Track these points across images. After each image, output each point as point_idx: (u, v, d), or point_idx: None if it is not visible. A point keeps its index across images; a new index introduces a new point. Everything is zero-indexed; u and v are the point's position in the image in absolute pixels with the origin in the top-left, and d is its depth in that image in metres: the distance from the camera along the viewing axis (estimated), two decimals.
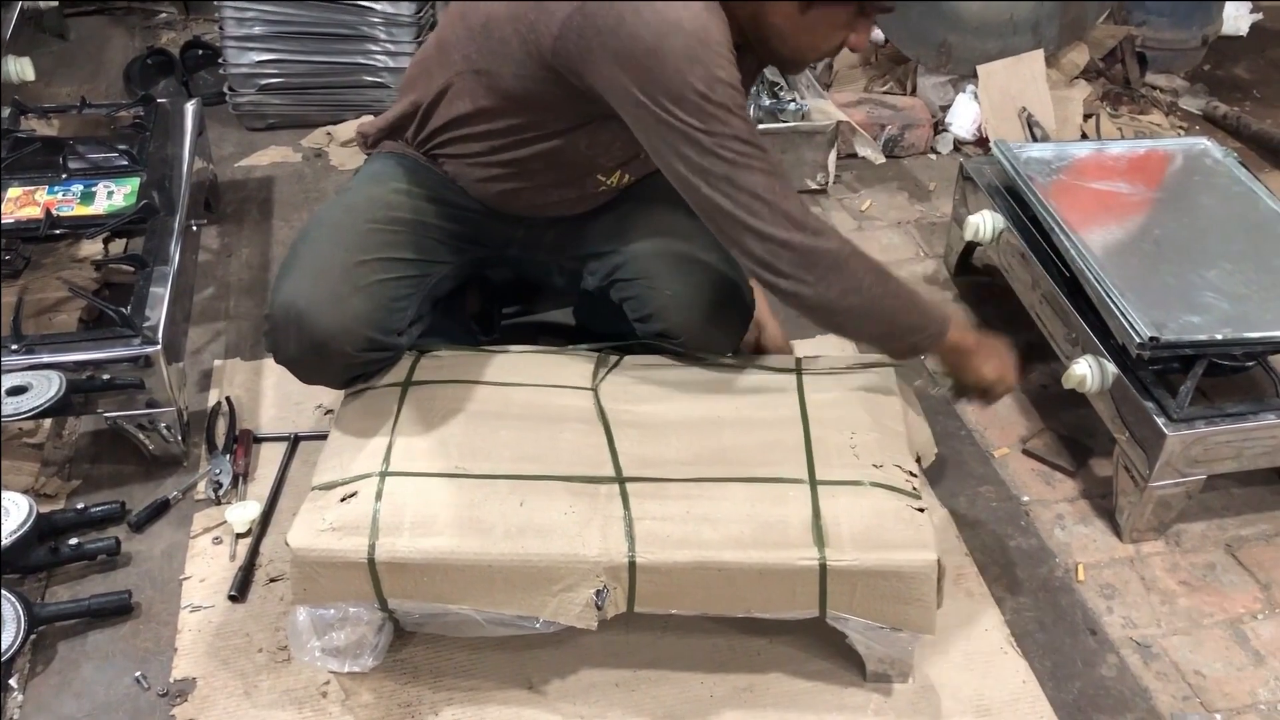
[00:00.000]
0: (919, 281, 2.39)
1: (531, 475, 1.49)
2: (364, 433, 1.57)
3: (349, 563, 1.42)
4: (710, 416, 1.61)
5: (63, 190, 2.11)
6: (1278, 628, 1.66)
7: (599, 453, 1.54)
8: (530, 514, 1.44)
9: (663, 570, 1.41)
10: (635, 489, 1.48)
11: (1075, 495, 1.88)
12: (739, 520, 1.44)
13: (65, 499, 1.84)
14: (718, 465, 1.52)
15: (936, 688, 1.54)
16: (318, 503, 1.48)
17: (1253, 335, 1.73)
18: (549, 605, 1.43)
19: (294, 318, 1.56)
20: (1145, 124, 2.96)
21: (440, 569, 1.42)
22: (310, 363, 1.62)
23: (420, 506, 1.45)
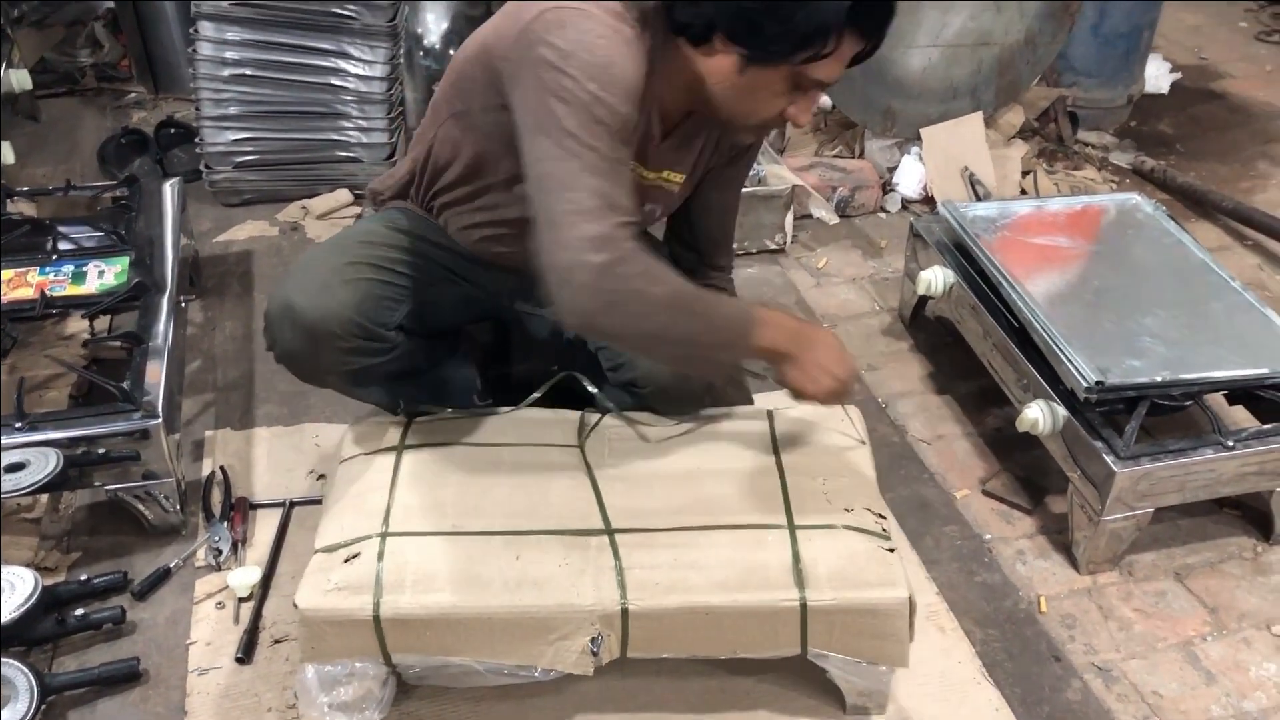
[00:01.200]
0: (876, 334, 2.52)
1: (525, 530, 1.57)
2: (362, 495, 1.65)
3: (355, 620, 1.48)
4: (690, 469, 1.70)
5: (54, 271, 2.17)
6: (1225, 648, 1.78)
7: (587, 506, 1.62)
8: (526, 567, 1.52)
9: (653, 616, 1.49)
10: (624, 539, 1.56)
11: (1034, 532, 2.00)
12: (723, 565, 1.52)
13: (66, 571, 1.88)
14: (700, 514, 1.60)
15: (915, 718, 1.64)
16: (322, 564, 1.54)
17: (1189, 376, 1.86)
18: (547, 654, 1.50)
19: (286, 309, 1.62)
20: (1079, 179, 3.14)
21: (442, 623, 1.48)
22: (303, 352, 1.65)
23: (421, 564, 1.52)
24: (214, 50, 2.77)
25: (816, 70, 1.41)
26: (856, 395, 2.28)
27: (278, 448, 2.14)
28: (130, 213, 2.37)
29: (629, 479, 1.68)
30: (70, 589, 1.82)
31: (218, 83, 2.79)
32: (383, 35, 2.81)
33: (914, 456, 2.15)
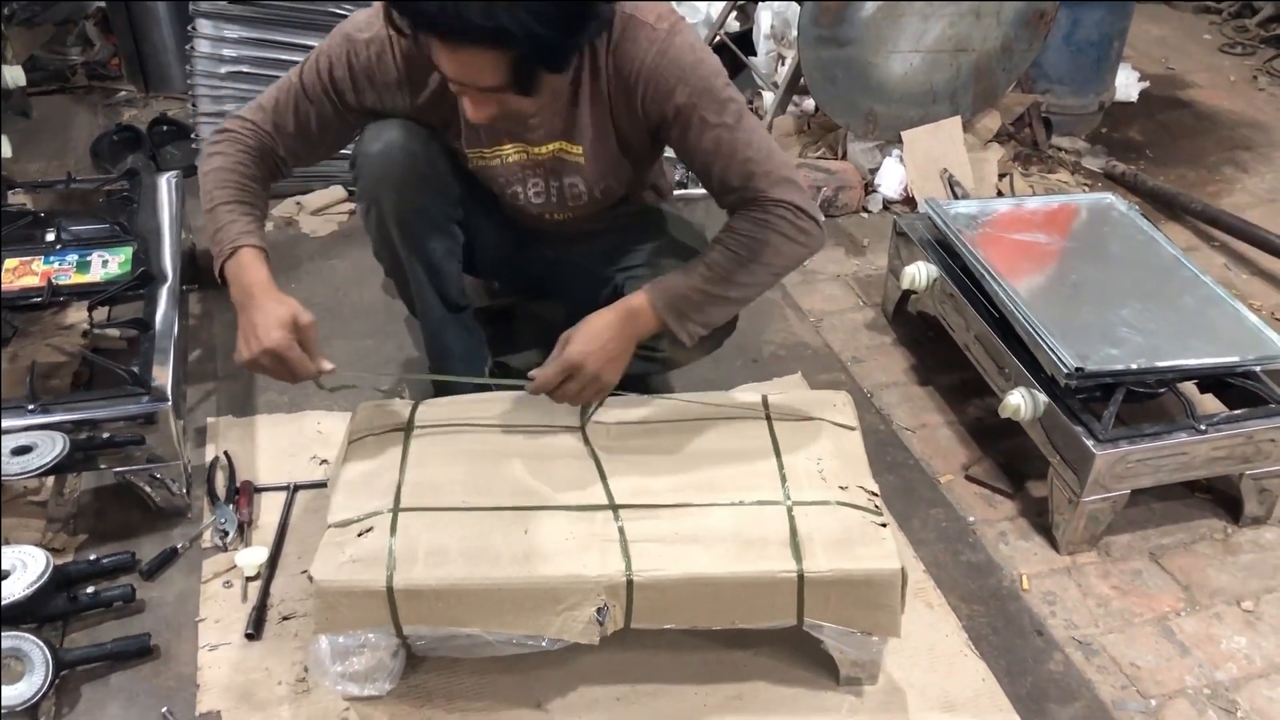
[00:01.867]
0: (860, 328, 2.60)
1: (532, 506, 1.64)
2: (373, 474, 1.71)
3: (369, 591, 1.53)
4: (690, 449, 1.77)
5: (59, 260, 2.21)
6: (1199, 623, 1.86)
7: (592, 484, 1.69)
8: (534, 541, 1.58)
9: (657, 587, 1.55)
10: (628, 515, 1.63)
11: (1015, 514, 2.08)
12: (723, 539, 1.59)
13: (74, 553, 1.92)
14: (701, 491, 1.67)
15: (905, 688, 1.70)
16: (336, 538, 1.59)
17: (1164, 364, 1.95)
18: (554, 624, 1.56)
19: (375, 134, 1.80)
20: (1053, 182, 3.24)
21: (453, 595, 1.54)
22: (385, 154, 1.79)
23: (432, 539, 1.58)
24: (211, 48, 2.82)
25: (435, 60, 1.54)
26: (843, 384, 2.36)
27: (279, 434, 2.18)
28: (132, 204, 2.41)
29: (631, 458, 1.74)
30: (80, 568, 1.86)
31: (215, 80, 2.83)
32: None
33: (899, 444, 2.22)
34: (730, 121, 1.69)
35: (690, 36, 1.70)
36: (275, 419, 2.22)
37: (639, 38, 1.67)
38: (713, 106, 1.68)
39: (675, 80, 1.67)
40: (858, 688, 1.70)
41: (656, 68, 1.67)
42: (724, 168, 1.71)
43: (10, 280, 2.15)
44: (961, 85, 3.12)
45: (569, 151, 1.82)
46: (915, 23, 2.94)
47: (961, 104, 3.14)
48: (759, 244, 1.70)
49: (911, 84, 3.05)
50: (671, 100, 1.68)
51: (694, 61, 1.68)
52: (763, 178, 1.69)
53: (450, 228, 1.91)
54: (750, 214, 1.71)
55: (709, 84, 1.68)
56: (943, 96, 3.11)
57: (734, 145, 1.69)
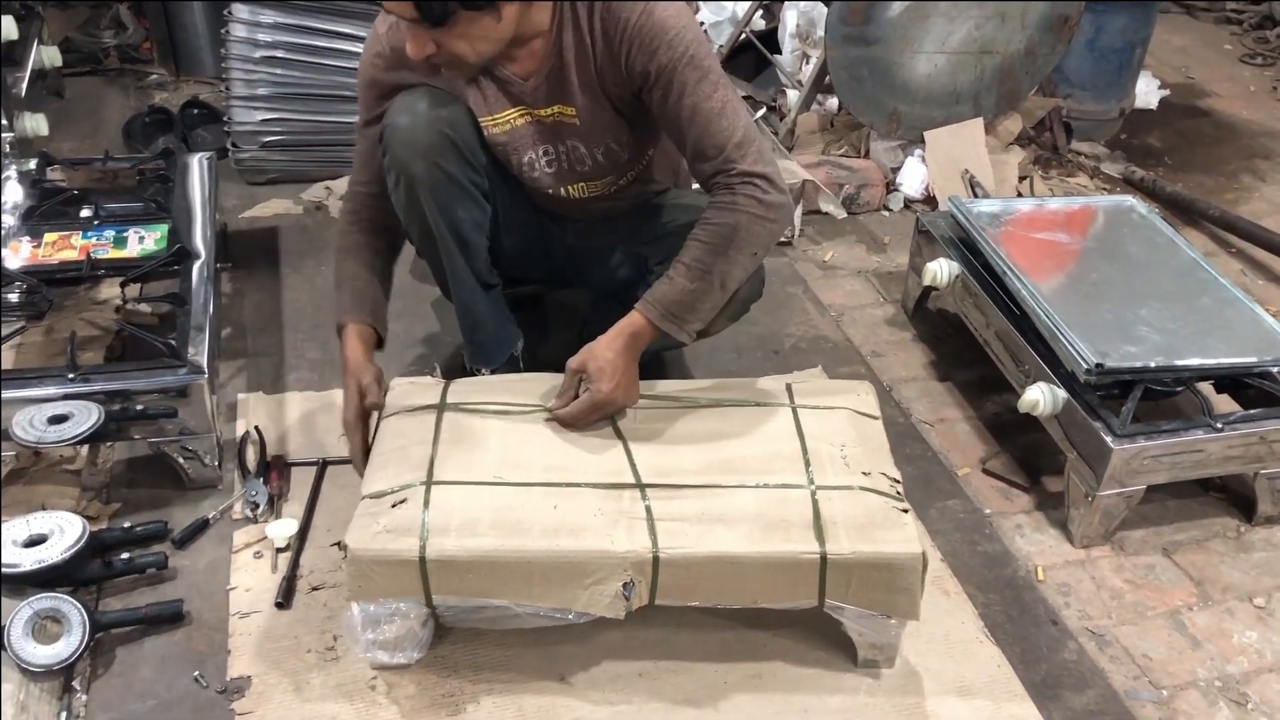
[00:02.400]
0: (880, 323, 2.63)
1: (562, 483, 1.68)
2: (406, 449, 1.74)
3: (402, 561, 1.57)
4: (715, 431, 1.80)
5: (96, 235, 2.25)
6: (1211, 617, 1.89)
7: (619, 463, 1.73)
8: (563, 516, 1.62)
9: (682, 564, 1.58)
10: (654, 493, 1.66)
11: (1031, 508, 2.11)
12: (748, 519, 1.62)
13: (107, 521, 1.96)
14: (726, 473, 1.70)
15: (922, 672, 1.73)
16: (370, 509, 1.64)
17: (1182, 363, 1.98)
18: (581, 597, 1.60)
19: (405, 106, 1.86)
20: (1072, 185, 3.27)
21: (484, 566, 1.58)
22: (413, 126, 1.84)
23: (465, 511, 1.62)
24: (247, 32, 2.86)
25: None
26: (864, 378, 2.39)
27: (309, 411, 2.22)
28: (168, 183, 2.46)
29: (657, 439, 1.78)
30: (114, 535, 1.90)
31: (249, 64, 2.87)
32: None
33: (918, 436, 2.26)
34: (709, 90, 1.74)
35: (676, 2, 1.75)
36: (306, 396, 2.27)
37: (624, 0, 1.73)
38: (694, 73, 1.73)
39: (660, 41, 1.72)
40: (875, 670, 1.73)
41: (642, 27, 1.72)
42: (699, 135, 1.75)
43: (50, 253, 2.19)
44: (985, 87, 3.15)
45: (565, 114, 1.87)
46: (941, 24, 2.98)
47: (984, 106, 3.18)
48: (730, 230, 1.75)
49: (936, 85, 3.08)
50: (655, 59, 1.73)
51: (680, 26, 1.73)
52: (735, 148, 1.74)
53: (478, 198, 1.94)
54: (718, 199, 1.77)
55: (692, 50, 1.73)
56: (966, 98, 3.14)
57: (710, 114, 1.74)
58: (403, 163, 1.86)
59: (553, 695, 1.68)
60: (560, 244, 2.14)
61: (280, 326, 2.47)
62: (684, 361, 2.38)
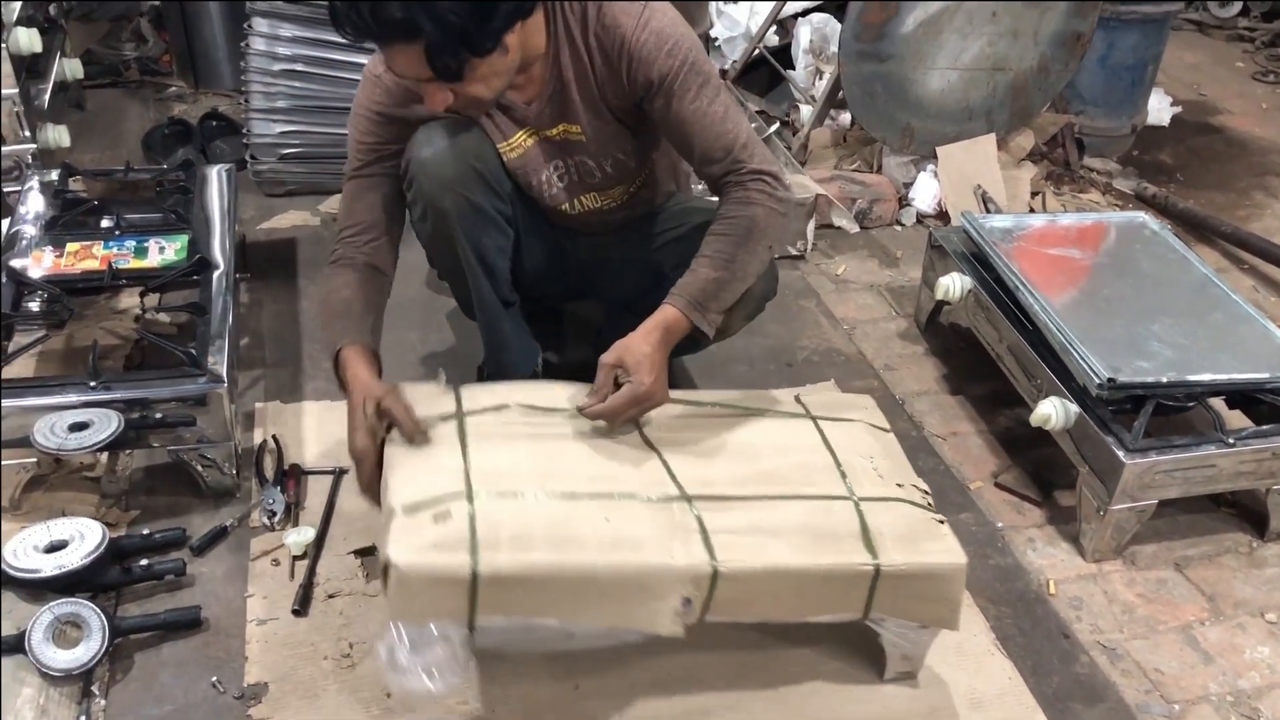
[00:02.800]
0: (893, 337, 2.64)
1: (609, 494, 1.59)
2: (433, 457, 1.64)
3: (452, 579, 1.45)
4: (745, 442, 1.76)
5: (117, 245, 2.28)
6: (1222, 633, 1.90)
7: (659, 474, 1.66)
8: (618, 528, 1.53)
9: (741, 578, 1.53)
10: (702, 506, 1.60)
11: (1043, 522, 2.11)
12: (799, 531, 1.58)
13: (126, 528, 1.98)
14: (767, 484, 1.66)
15: (934, 684, 1.74)
16: (409, 523, 1.51)
17: (1194, 378, 1.99)
18: (639, 615, 1.52)
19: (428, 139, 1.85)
20: (1084, 201, 3.29)
21: (539, 582, 1.48)
22: (440, 159, 1.84)
23: (514, 524, 1.52)
24: (266, 45, 2.89)
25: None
26: (876, 391, 2.41)
27: (326, 420, 2.24)
28: (188, 194, 2.48)
29: (690, 450, 1.72)
30: (133, 542, 1.91)
31: (268, 77, 2.91)
32: None
33: (930, 450, 2.27)
34: (711, 95, 1.77)
35: (670, 10, 1.78)
36: (322, 405, 2.29)
37: (618, 14, 1.75)
38: (695, 79, 1.76)
39: (659, 51, 1.74)
40: (886, 682, 1.73)
41: (639, 40, 1.74)
42: (706, 139, 1.78)
43: (72, 263, 2.22)
44: (998, 103, 3.17)
45: (571, 131, 1.89)
46: (954, 40, 3.00)
47: (997, 122, 3.19)
48: (749, 221, 1.78)
49: (948, 101, 3.10)
50: (656, 69, 1.75)
51: (678, 35, 1.75)
52: (742, 149, 1.78)
53: (503, 224, 1.96)
54: (732, 195, 1.80)
55: (692, 57, 1.75)
56: (979, 114, 3.16)
57: (714, 118, 1.77)
58: (431, 196, 1.87)
59: (568, 703, 1.68)
60: (574, 259, 2.16)
61: (298, 337, 2.49)
62: (696, 374, 2.39)
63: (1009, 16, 3.03)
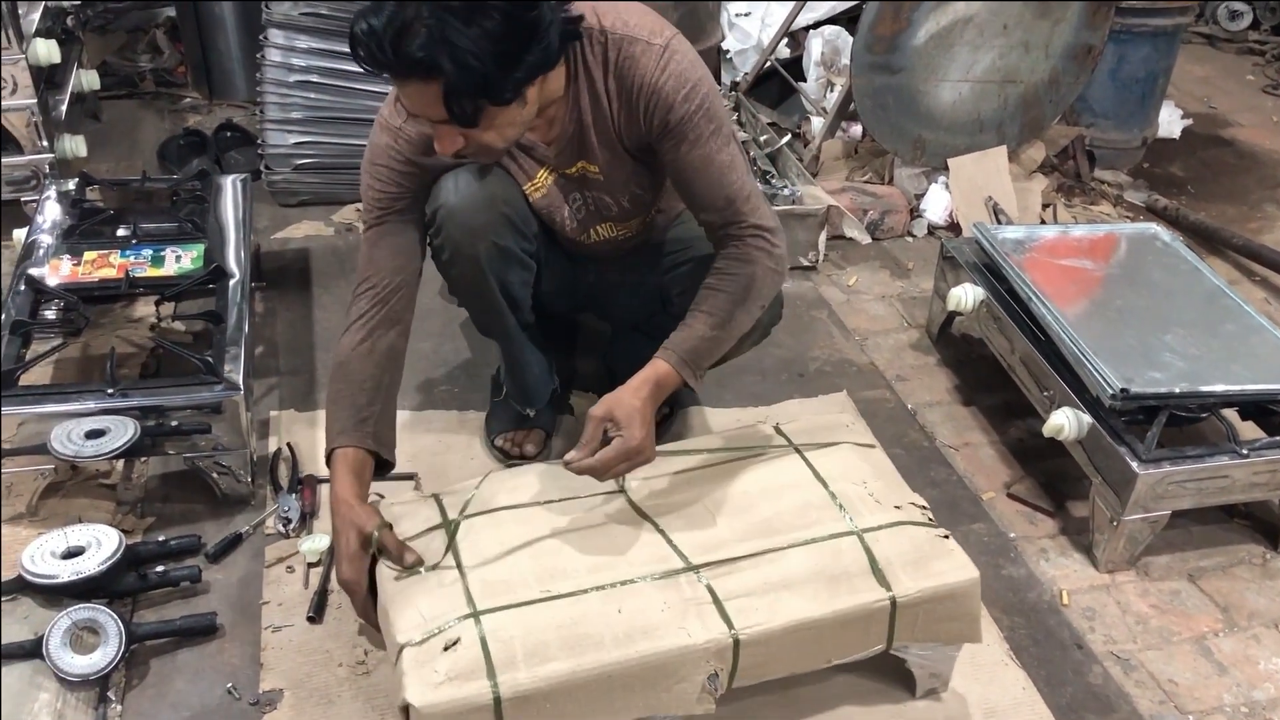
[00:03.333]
0: (905, 348, 2.65)
1: (615, 582, 1.56)
2: (427, 579, 1.58)
3: (475, 708, 1.42)
4: (738, 493, 1.72)
5: (134, 254, 2.29)
6: (1237, 644, 1.89)
7: (659, 548, 1.63)
8: (631, 618, 1.50)
9: (762, 641, 1.52)
10: (709, 572, 1.57)
11: (1055, 532, 2.11)
12: (810, 579, 1.57)
13: (142, 534, 1.99)
14: (769, 535, 1.63)
15: (949, 696, 1.74)
16: (418, 658, 1.46)
17: (1207, 389, 1.99)
18: (666, 700, 1.50)
19: (456, 186, 1.84)
20: (1095, 213, 3.29)
21: (563, 691, 1.45)
22: (470, 205, 1.83)
23: (526, 636, 1.47)
24: (282, 57, 2.92)
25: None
26: (888, 402, 2.42)
27: None
28: (204, 204, 2.50)
29: (685, 514, 1.69)
30: (149, 548, 1.92)
31: (284, 88, 2.93)
32: None
33: (942, 460, 2.27)
34: (721, 143, 1.75)
35: (689, 52, 1.75)
36: None
37: (638, 56, 1.71)
38: (709, 125, 1.74)
39: (677, 95, 1.71)
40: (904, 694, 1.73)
41: (658, 84, 1.71)
42: (709, 186, 1.76)
43: (89, 271, 2.24)
44: (1009, 116, 3.18)
45: (589, 170, 1.87)
46: (965, 53, 3.01)
47: (1008, 134, 3.20)
48: (749, 280, 1.77)
49: (960, 113, 3.11)
50: (673, 112, 1.73)
51: (696, 78, 1.73)
52: (745, 201, 1.77)
53: (529, 262, 1.98)
54: (731, 250, 1.78)
55: (708, 103, 1.73)
56: (990, 126, 3.17)
57: (722, 166, 1.75)
58: (460, 244, 1.87)
59: None
60: (583, 280, 2.15)
61: (311, 345, 2.51)
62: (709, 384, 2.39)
63: (1020, 29, 3.04)
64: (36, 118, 2.72)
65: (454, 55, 1.45)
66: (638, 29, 1.72)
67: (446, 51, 1.45)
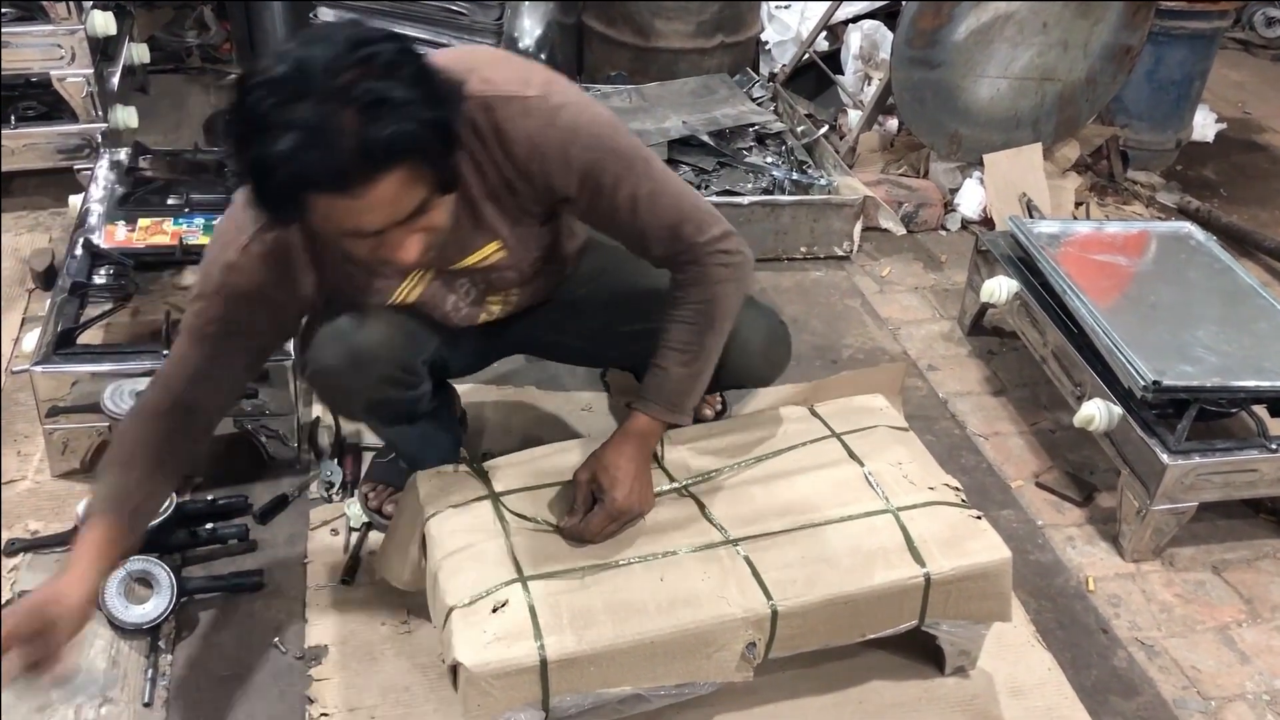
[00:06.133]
0: (937, 338, 2.68)
1: (657, 554, 1.61)
2: (476, 546, 1.61)
3: (523, 668, 1.46)
4: (775, 471, 1.76)
5: (187, 222, 2.35)
6: (1260, 634, 1.93)
7: (698, 522, 1.67)
8: (673, 587, 1.56)
9: (799, 613, 1.56)
10: (748, 546, 1.62)
11: (1082, 521, 2.15)
12: (848, 554, 1.61)
13: (190, 494, 2.05)
14: (806, 512, 1.68)
15: (976, 673, 1.78)
16: (467, 619, 1.50)
17: (1238, 384, 2.02)
18: (707, 667, 1.55)
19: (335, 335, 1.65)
20: (1128, 213, 3.31)
21: (607, 656, 1.49)
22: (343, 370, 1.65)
23: (573, 602, 1.53)
24: None
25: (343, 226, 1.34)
26: (919, 391, 2.45)
27: None
28: None
29: (723, 490, 1.73)
30: (198, 507, 1.98)
31: None
32: (489, 32, 3.00)
33: (973, 448, 2.31)
34: (638, 177, 1.57)
35: (568, 90, 1.55)
36: None
37: (515, 114, 1.49)
38: (619, 165, 1.55)
39: (572, 147, 1.52)
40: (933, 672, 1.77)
41: (546, 140, 1.51)
42: (644, 225, 1.60)
43: (144, 237, 2.29)
44: (1045, 113, 3.21)
45: (490, 251, 1.65)
46: (1005, 50, 3.04)
47: (1043, 131, 3.23)
48: (710, 304, 1.65)
49: (997, 109, 3.14)
50: (571, 168, 1.53)
51: (586, 121, 1.53)
52: (685, 224, 1.61)
53: (419, 394, 1.78)
54: (689, 274, 1.65)
55: (608, 143, 1.55)
56: (1026, 123, 3.20)
57: (650, 199, 1.58)
58: (338, 404, 1.84)
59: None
60: (506, 340, 1.97)
61: None
62: None
63: (1060, 28, 3.06)
64: (92, 88, 2.78)
65: (412, 115, 1.25)
66: (505, 84, 1.50)
67: (406, 115, 1.25)
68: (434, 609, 1.62)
